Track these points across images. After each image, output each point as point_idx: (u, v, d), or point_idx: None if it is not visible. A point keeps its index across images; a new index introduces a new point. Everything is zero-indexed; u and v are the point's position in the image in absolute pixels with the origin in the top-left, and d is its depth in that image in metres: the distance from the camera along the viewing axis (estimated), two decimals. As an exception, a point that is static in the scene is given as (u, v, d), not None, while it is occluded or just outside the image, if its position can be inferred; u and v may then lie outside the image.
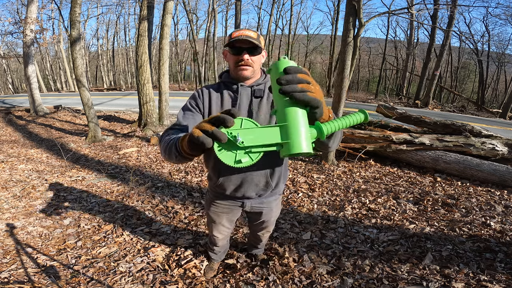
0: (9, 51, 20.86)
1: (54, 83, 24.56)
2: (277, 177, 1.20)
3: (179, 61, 26.27)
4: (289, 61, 0.62)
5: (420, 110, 10.90)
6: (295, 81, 0.57)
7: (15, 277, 1.71)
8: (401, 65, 20.89)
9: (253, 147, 0.57)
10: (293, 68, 0.59)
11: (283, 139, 0.57)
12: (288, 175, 1.35)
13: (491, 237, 2.07)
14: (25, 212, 2.61)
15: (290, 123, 0.57)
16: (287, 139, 0.56)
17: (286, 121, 0.57)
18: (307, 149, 0.56)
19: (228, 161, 0.57)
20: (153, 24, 8.08)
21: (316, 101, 0.59)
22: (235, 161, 0.58)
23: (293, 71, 0.58)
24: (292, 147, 0.55)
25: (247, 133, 0.56)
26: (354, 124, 0.65)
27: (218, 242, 1.58)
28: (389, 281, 1.63)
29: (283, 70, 0.59)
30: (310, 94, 0.58)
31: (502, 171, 3.08)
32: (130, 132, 6.00)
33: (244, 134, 0.56)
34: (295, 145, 0.55)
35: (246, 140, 0.56)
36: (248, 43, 1.01)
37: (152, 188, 3.15)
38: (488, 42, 17.60)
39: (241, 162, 0.57)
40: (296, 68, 0.59)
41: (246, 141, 0.56)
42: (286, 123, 0.57)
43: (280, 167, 1.19)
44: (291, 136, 0.56)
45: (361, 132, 3.92)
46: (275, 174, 1.19)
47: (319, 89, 0.62)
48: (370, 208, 2.59)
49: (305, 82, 0.59)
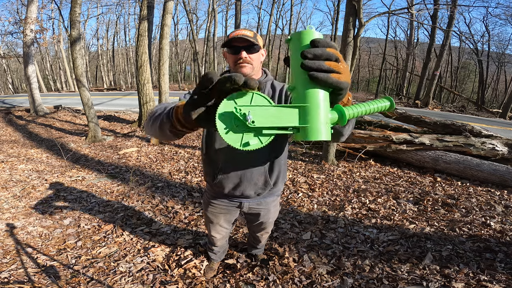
0: (9, 51, 20.85)
1: (54, 83, 24.56)
2: (276, 176, 1.20)
3: (179, 61, 26.27)
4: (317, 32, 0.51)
5: (420, 110, 10.90)
6: (323, 57, 0.49)
7: (15, 277, 1.71)
8: (401, 65, 20.89)
9: (265, 129, 0.50)
10: (323, 41, 0.50)
11: (301, 123, 0.50)
12: (287, 175, 1.34)
13: (491, 237, 2.07)
14: (25, 212, 2.61)
15: (312, 105, 0.49)
16: (306, 123, 0.50)
17: (307, 103, 0.50)
18: (326, 137, 0.50)
19: (234, 143, 0.50)
20: (153, 24, 8.08)
21: (343, 85, 0.52)
22: (241, 144, 0.50)
23: (322, 44, 0.49)
24: (311, 133, 0.49)
25: (259, 112, 0.49)
26: (378, 111, 0.58)
27: (217, 242, 1.58)
28: (389, 281, 1.63)
29: (311, 42, 0.50)
30: (336, 75, 0.51)
31: (502, 171, 3.08)
32: (130, 132, 6.00)
33: (256, 112, 0.49)
34: (314, 132, 0.49)
35: (257, 120, 0.49)
36: (245, 41, 1.03)
37: (152, 188, 3.15)
38: (488, 42, 17.61)
39: (248, 144, 0.50)
40: (325, 42, 0.50)
41: (258, 121, 0.49)
42: (307, 105, 0.50)
43: (279, 166, 1.19)
44: (311, 121, 0.49)
45: (361, 132, 3.92)
46: (274, 172, 1.18)
47: (347, 68, 0.54)
48: (370, 208, 2.59)
49: (334, 59, 0.50)
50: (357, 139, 3.97)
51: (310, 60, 0.49)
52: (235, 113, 0.48)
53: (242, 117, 0.48)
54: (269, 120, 0.49)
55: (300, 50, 0.50)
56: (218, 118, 0.50)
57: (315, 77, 0.48)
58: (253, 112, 0.48)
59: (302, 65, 0.49)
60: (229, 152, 1.12)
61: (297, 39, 0.52)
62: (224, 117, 0.50)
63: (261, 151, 1.12)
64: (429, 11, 10.45)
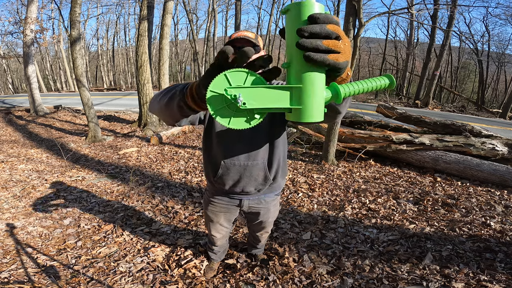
0: (9, 51, 20.86)
1: (54, 83, 24.57)
2: (275, 170, 1.20)
3: (179, 61, 26.28)
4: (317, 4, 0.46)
5: (420, 110, 10.90)
6: (322, 35, 0.44)
7: (15, 277, 1.71)
8: (401, 65, 20.89)
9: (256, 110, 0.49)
10: (323, 16, 0.44)
11: (293, 104, 0.48)
12: (287, 170, 1.34)
13: (491, 237, 2.07)
14: (25, 212, 2.61)
15: (305, 86, 0.47)
16: (298, 105, 0.48)
17: (301, 83, 0.47)
18: (318, 118, 0.49)
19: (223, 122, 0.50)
20: (153, 24, 8.08)
21: (341, 65, 0.47)
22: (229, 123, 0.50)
23: (322, 20, 0.44)
24: (303, 115, 0.48)
25: (251, 94, 0.47)
26: (376, 89, 0.55)
27: (217, 242, 1.58)
28: (389, 281, 1.63)
29: (309, 17, 0.45)
30: (334, 56, 0.46)
31: (502, 171, 3.08)
32: (130, 132, 6.00)
33: (248, 94, 0.47)
34: (306, 113, 0.48)
35: (248, 102, 0.47)
36: (246, 42, 1.05)
37: (152, 188, 3.15)
38: (488, 42, 17.61)
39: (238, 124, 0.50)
40: (326, 17, 0.44)
41: (249, 103, 0.47)
42: (300, 86, 0.47)
43: (278, 160, 1.20)
44: (304, 102, 0.47)
45: (361, 132, 3.92)
46: (273, 167, 1.19)
47: (348, 46, 0.49)
48: (370, 208, 2.59)
49: (334, 36, 0.46)
50: (357, 139, 3.97)
51: (307, 39, 0.44)
52: (225, 94, 0.47)
53: (233, 99, 0.47)
54: (260, 102, 0.47)
55: (298, 25, 0.45)
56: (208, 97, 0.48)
57: (311, 58, 0.44)
58: (244, 94, 0.47)
59: (297, 44, 0.45)
60: (228, 147, 1.13)
61: (295, 11, 0.46)
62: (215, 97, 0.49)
63: (260, 146, 1.13)
64: (429, 11, 10.45)
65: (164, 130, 5.74)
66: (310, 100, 0.47)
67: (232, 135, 1.12)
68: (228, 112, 0.49)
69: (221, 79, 0.48)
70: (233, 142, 1.13)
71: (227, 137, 1.13)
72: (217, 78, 0.48)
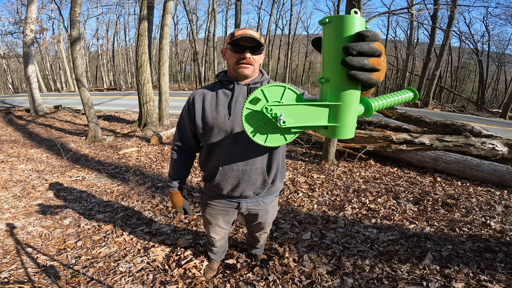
0: (9, 51, 20.85)
1: (54, 83, 24.56)
2: (274, 174, 1.19)
3: (179, 61, 26.27)
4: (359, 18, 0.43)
5: (420, 110, 10.90)
6: (368, 53, 0.43)
7: (15, 277, 1.71)
8: (401, 65, 20.88)
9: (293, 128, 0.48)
10: (372, 34, 0.42)
11: (331, 122, 0.47)
12: (285, 173, 1.33)
13: (491, 237, 2.07)
14: (25, 212, 2.61)
15: (345, 104, 0.46)
16: (335, 122, 0.47)
17: (340, 101, 0.46)
18: (352, 135, 0.48)
19: (260, 141, 0.50)
20: (153, 24, 8.08)
21: (379, 82, 0.46)
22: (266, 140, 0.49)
23: (370, 38, 0.42)
24: (339, 132, 0.48)
25: (289, 111, 0.46)
26: (402, 102, 0.56)
27: (216, 243, 1.58)
28: (389, 281, 1.63)
29: (357, 35, 0.43)
30: (377, 75, 0.44)
31: (502, 171, 3.08)
32: (130, 132, 6.00)
33: (288, 112, 0.46)
34: (343, 131, 0.47)
35: (288, 120, 0.46)
36: (252, 41, 1.02)
37: (152, 188, 3.15)
38: (488, 42, 17.62)
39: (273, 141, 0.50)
40: (374, 35, 0.42)
41: (288, 122, 0.46)
42: (339, 104, 0.46)
43: (277, 164, 1.18)
44: (341, 120, 0.47)
45: (361, 132, 3.92)
46: (272, 171, 1.18)
47: (385, 61, 0.48)
48: (370, 208, 2.59)
49: (378, 55, 0.44)
50: (357, 139, 3.96)
51: (354, 57, 0.42)
52: (265, 112, 0.46)
53: (273, 117, 0.46)
54: (298, 119, 0.47)
55: (341, 40, 0.44)
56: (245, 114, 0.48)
57: (357, 78, 0.43)
58: (286, 113, 0.46)
59: (344, 61, 0.43)
60: (226, 152, 1.11)
61: (338, 24, 0.44)
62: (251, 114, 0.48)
63: (258, 150, 1.12)
64: (429, 11, 10.45)
65: (164, 130, 5.74)
66: (347, 117, 0.47)
67: (229, 140, 1.10)
68: (265, 130, 0.49)
69: (258, 94, 0.47)
70: (231, 147, 1.10)
71: (224, 142, 1.10)
72: (253, 93, 0.47)
